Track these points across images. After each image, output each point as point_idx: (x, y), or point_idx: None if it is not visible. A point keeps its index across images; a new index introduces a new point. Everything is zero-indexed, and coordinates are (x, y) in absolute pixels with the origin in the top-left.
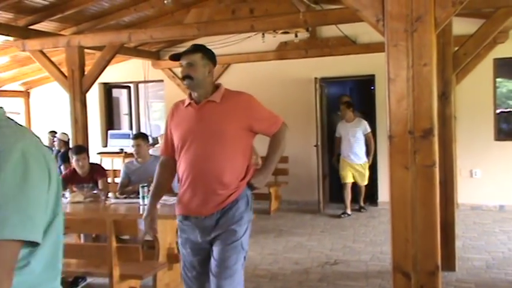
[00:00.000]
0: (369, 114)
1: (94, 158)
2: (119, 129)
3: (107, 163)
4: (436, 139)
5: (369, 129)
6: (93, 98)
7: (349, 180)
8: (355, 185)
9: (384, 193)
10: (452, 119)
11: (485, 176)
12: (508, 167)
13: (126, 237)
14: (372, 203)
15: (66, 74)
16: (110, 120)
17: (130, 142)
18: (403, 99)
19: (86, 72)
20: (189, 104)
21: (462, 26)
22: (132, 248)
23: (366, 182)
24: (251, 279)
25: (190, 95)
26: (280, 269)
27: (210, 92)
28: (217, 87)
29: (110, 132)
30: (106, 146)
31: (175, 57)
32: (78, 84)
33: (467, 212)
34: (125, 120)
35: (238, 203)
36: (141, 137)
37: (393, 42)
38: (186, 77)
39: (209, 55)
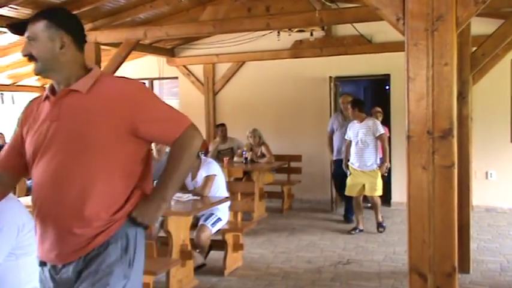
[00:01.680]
0: (383, 114)
1: None
2: None
3: None
4: (455, 140)
5: (381, 131)
6: None
7: (354, 193)
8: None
9: (397, 193)
10: (469, 119)
11: (500, 177)
12: None
13: None
14: (384, 203)
15: None
16: None
17: None
18: (423, 99)
19: (102, 69)
20: (47, 97)
21: (481, 26)
22: (146, 244)
23: (377, 193)
24: (263, 277)
25: (51, 86)
26: (292, 268)
27: (75, 78)
28: (89, 71)
29: None
30: None
31: (16, 29)
32: None
33: (481, 214)
34: None
35: (109, 248)
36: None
37: (413, 41)
38: (27, 57)
39: (60, 21)
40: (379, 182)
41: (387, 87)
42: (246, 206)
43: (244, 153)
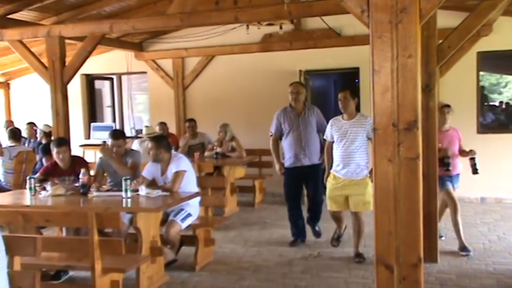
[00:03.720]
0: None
1: (76, 151)
2: (102, 121)
3: (90, 156)
4: (420, 132)
5: None
6: (75, 89)
7: (337, 208)
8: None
9: None
10: (435, 111)
11: (467, 168)
12: (490, 159)
13: (108, 230)
14: None
15: (47, 65)
16: (93, 113)
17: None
18: (388, 91)
19: (66, 63)
20: None
21: (446, 19)
22: (114, 241)
23: (368, 207)
24: (235, 272)
25: None
26: (263, 261)
27: None
28: None
29: (92, 124)
30: (89, 138)
31: None
32: (59, 75)
33: None
34: (107, 113)
35: None
36: (121, 137)
37: (378, 33)
38: None
39: None
40: (370, 193)
41: (357, 81)
42: (217, 201)
43: (215, 148)
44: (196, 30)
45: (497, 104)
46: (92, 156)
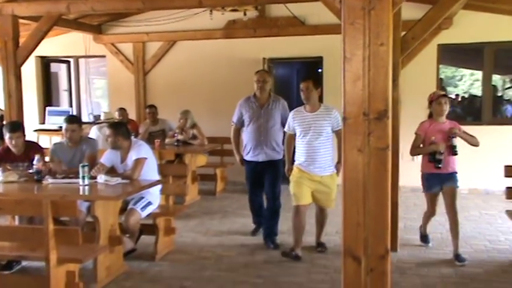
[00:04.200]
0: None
1: (30, 136)
2: (58, 105)
3: (45, 141)
4: (390, 122)
5: (341, 124)
6: (30, 72)
7: (305, 201)
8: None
9: None
10: (399, 103)
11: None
12: None
13: (65, 219)
14: None
15: None
16: (48, 96)
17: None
18: (359, 80)
19: (20, 44)
20: None
21: (410, 11)
22: (71, 231)
23: (331, 205)
24: (196, 261)
25: None
26: (225, 251)
27: None
28: None
29: (48, 108)
30: (43, 123)
31: None
32: (11, 56)
33: (407, 194)
34: (64, 97)
35: None
36: (76, 122)
37: (350, 20)
38: None
39: None
40: (335, 190)
41: (320, 70)
42: (178, 189)
43: (176, 135)
44: (159, 14)
45: (453, 96)
46: (47, 142)
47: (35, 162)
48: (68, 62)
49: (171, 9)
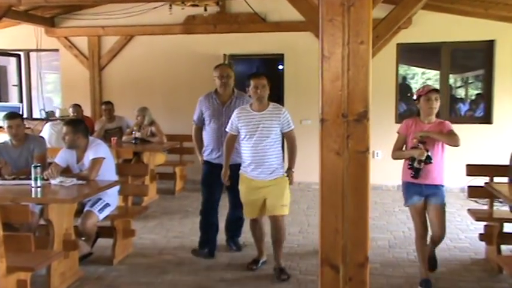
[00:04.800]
0: (276, 96)
1: None
2: (7, 101)
3: None
4: (369, 123)
5: (292, 125)
6: None
7: (256, 213)
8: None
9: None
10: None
11: (386, 157)
12: None
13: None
14: None
15: None
16: None
17: (4, 122)
18: (338, 80)
19: None
20: None
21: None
22: (22, 237)
23: (286, 210)
24: (156, 265)
25: None
26: (187, 253)
27: None
28: None
29: None
30: None
31: None
32: None
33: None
34: (13, 92)
35: None
36: (19, 116)
37: (329, 16)
38: None
39: None
40: (288, 195)
41: (281, 67)
42: (138, 190)
43: (133, 132)
44: (115, 7)
45: (409, 95)
46: None
47: None
48: (18, 56)
49: (128, 2)
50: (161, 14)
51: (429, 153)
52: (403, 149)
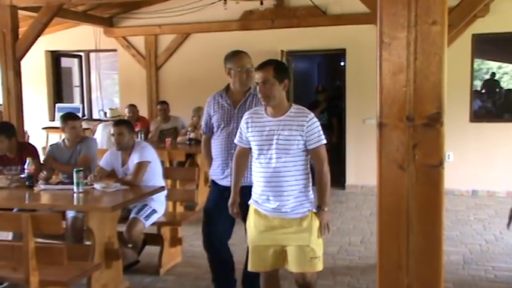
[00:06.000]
0: (337, 94)
1: (38, 133)
2: (71, 102)
3: (54, 139)
4: (444, 129)
5: (322, 139)
6: (40, 67)
7: (265, 266)
8: None
9: (351, 176)
10: None
11: (459, 159)
12: (483, 150)
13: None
14: (338, 186)
15: None
16: (59, 93)
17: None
18: (401, 72)
19: (19, 36)
20: None
21: None
22: (54, 249)
23: (318, 266)
24: (205, 276)
25: None
26: (238, 262)
27: None
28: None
29: (57, 105)
30: (53, 120)
31: None
32: (10, 49)
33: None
34: (77, 93)
35: None
36: (75, 117)
37: None
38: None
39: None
40: (318, 243)
41: (342, 63)
42: (186, 196)
43: (188, 133)
44: (171, 5)
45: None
46: (57, 140)
47: (26, 166)
48: (79, 57)
49: None
50: (217, 11)
51: None
52: None
